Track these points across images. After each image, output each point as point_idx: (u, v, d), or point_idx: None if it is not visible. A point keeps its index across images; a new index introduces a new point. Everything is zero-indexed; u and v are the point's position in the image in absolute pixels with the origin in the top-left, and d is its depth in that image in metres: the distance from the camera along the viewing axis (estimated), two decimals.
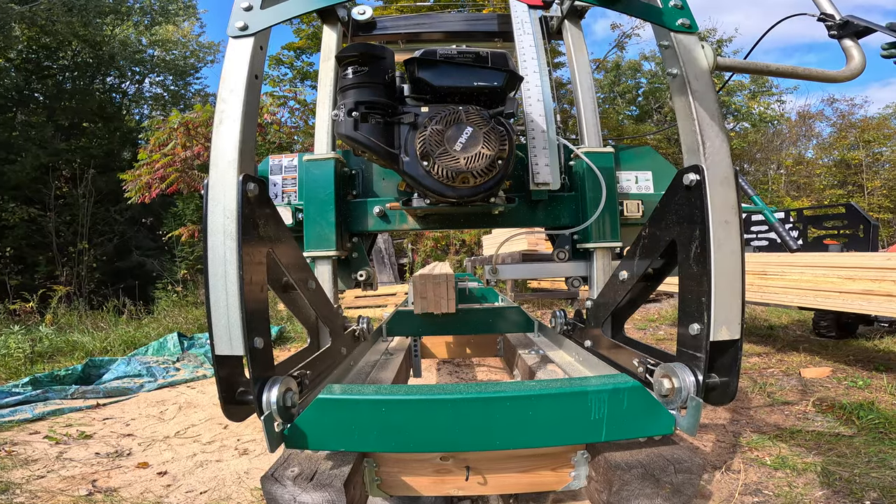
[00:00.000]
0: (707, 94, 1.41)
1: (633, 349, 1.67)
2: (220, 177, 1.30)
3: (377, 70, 1.66)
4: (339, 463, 1.34)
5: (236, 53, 1.40)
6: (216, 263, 1.26)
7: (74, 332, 8.55)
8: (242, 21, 1.41)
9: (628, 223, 2.16)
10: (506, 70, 1.66)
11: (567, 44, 2.37)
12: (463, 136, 1.55)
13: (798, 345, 6.73)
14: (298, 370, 1.52)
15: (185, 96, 28.34)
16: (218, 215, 1.28)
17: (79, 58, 23.66)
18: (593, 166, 2.08)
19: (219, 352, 1.27)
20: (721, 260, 1.28)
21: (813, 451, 3.38)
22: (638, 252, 1.65)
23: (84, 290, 17.98)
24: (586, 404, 1.32)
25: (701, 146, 1.35)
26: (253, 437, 4.03)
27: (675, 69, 1.45)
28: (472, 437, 1.32)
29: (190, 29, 28.72)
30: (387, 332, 2.83)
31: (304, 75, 17.56)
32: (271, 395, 1.29)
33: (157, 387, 5.73)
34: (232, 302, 1.25)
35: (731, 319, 1.29)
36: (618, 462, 1.31)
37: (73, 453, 3.79)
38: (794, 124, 29.84)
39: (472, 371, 6.08)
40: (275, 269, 1.53)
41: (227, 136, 1.34)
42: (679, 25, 1.46)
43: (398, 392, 1.37)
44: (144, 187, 13.62)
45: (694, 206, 1.35)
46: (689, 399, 1.32)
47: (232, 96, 1.37)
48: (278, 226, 1.50)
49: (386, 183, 2.27)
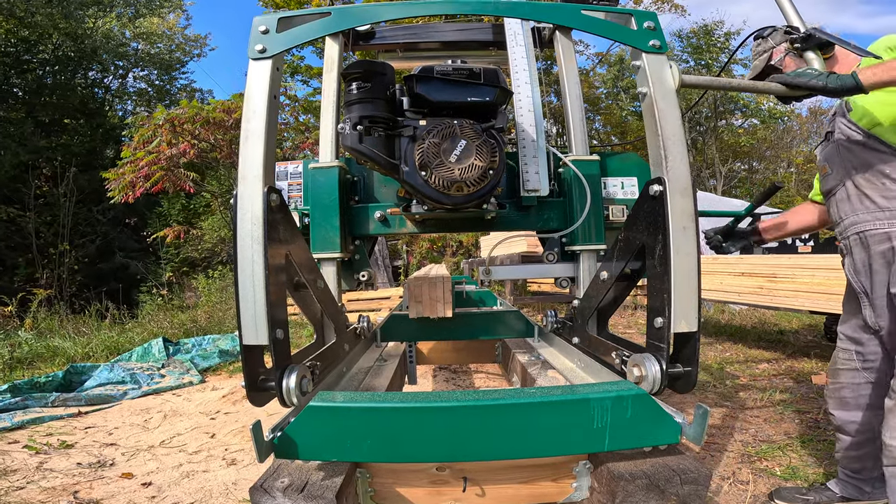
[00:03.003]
0: (671, 112, 1.58)
1: (613, 343, 1.80)
2: (248, 189, 1.50)
3: (379, 85, 1.79)
4: (331, 473, 1.34)
5: (257, 75, 1.60)
6: (245, 264, 1.45)
7: (55, 337, 8.53)
8: (261, 45, 1.62)
9: (614, 227, 2.28)
10: (497, 86, 1.80)
11: (557, 54, 2.47)
12: (457, 149, 1.72)
13: (809, 350, 6.74)
14: (310, 361, 1.65)
15: (170, 91, 28.36)
16: (246, 222, 1.47)
17: (59, 51, 23.66)
18: (579, 173, 2.20)
19: (246, 342, 1.44)
20: (679, 261, 1.46)
21: (824, 461, 3.38)
22: (615, 254, 1.83)
23: (65, 294, 17.94)
24: (589, 412, 1.34)
25: (664, 160, 1.54)
26: (241, 447, 4.02)
27: (645, 88, 1.62)
28: (469, 446, 1.33)
29: (175, 21, 28.75)
30: (381, 338, 2.84)
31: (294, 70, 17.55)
32: (290, 381, 1.45)
33: (141, 394, 5.71)
34: (259, 297, 1.43)
35: (688, 313, 1.46)
36: (621, 472, 1.32)
37: (53, 463, 3.77)
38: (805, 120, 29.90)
39: (469, 378, 6.08)
40: (290, 269, 1.68)
41: (253, 152, 1.54)
42: (650, 46, 1.63)
43: (392, 399, 1.37)
44: (128, 186, 13.62)
45: (657, 214, 1.53)
46: (696, 407, 1.34)
47: (255, 116, 1.57)
48: (294, 230, 1.67)
49: (386, 189, 2.39)
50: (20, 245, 20.48)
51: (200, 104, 14.46)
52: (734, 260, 7.34)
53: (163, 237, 16.13)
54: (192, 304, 13.88)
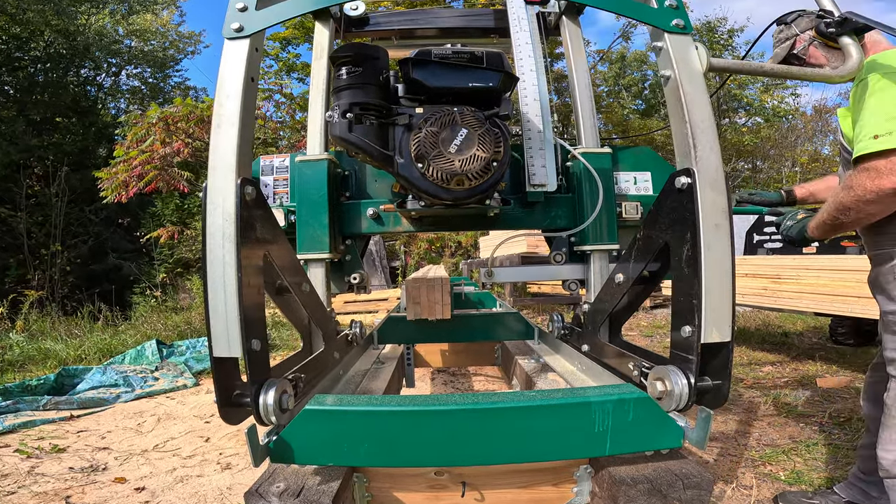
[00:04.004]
0: (700, 96, 1.47)
1: (630, 353, 1.70)
2: (219, 181, 1.37)
3: (371, 70, 1.70)
4: (328, 478, 1.34)
5: (232, 55, 1.47)
6: (215, 266, 1.33)
7: (47, 340, 8.51)
8: (238, 22, 1.48)
9: (627, 225, 2.20)
10: (501, 71, 1.70)
11: (565, 41, 2.40)
12: (458, 139, 1.61)
13: (814, 353, 6.74)
14: (293, 373, 1.54)
15: (164, 89, 28.33)
16: (217, 218, 1.35)
17: (52, 48, 23.60)
18: (590, 167, 2.11)
19: (217, 354, 1.32)
20: (711, 262, 1.35)
21: (830, 465, 3.38)
22: (633, 255, 1.71)
23: (57, 295, 17.91)
24: (589, 416, 1.33)
25: (692, 149, 1.43)
26: (236, 451, 4.02)
27: (668, 71, 1.51)
28: (468, 450, 1.32)
29: (169, 18, 28.70)
30: (378, 340, 2.84)
31: (290, 67, 17.54)
32: (268, 398, 1.34)
33: (134, 397, 5.70)
34: (230, 304, 1.31)
35: (721, 322, 1.34)
36: (623, 477, 1.32)
37: (45, 468, 3.77)
38: (809, 119, 29.85)
39: (468, 381, 6.07)
40: (269, 271, 1.58)
41: (225, 141, 1.40)
42: (673, 26, 1.52)
43: (390, 403, 1.37)
44: (121, 186, 13.64)
45: (685, 209, 1.41)
46: (699, 410, 1.33)
47: (229, 101, 1.43)
48: (274, 228, 1.56)
49: (379, 184, 2.30)
50: (11, 245, 20.45)
51: (195, 102, 14.45)
52: (738, 260, 7.33)
53: (156, 238, 16.11)
54: (187, 305, 13.86)
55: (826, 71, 1.78)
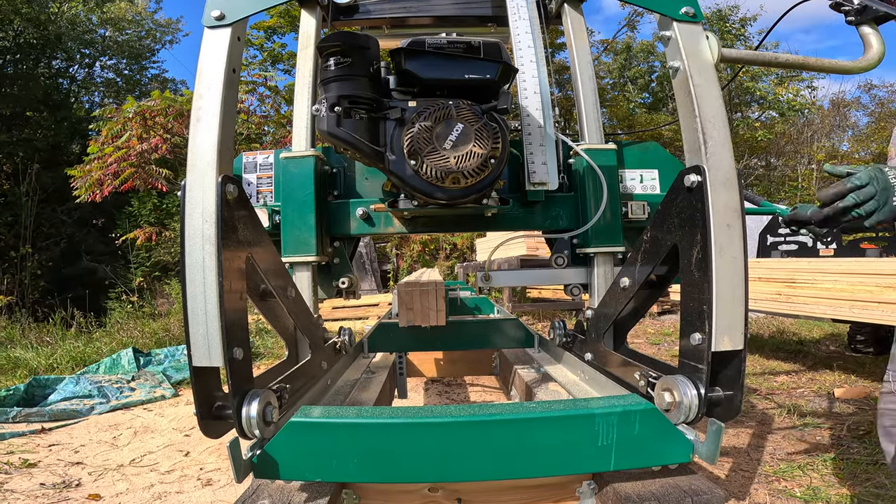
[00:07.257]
0: (710, 88, 1.46)
1: (636, 362, 1.69)
2: (198, 178, 1.35)
3: (361, 61, 1.67)
4: (315, 494, 1.34)
5: (212, 45, 1.45)
6: (195, 270, 1.31)
7: (16, 348, 8.49)
8: (218, 10, 1.45)
9: (633, 226, 2.18)
10: (499, 61, 1.68)
11: (567, 30, 2.38)
12: (453, 134, 1.59)
13: (831, 362, 6.76)
14: (278, 384, 1.53)
15: (140, 82, 28.33)
16: (196, 219, 1.32)
17: (21, 38, 23.52)
18: (594, 164, 2.09)
19: (196, 363, 1.31)
20: (722, 266, 1.33)
21: (848, 481, 3.39)
22: (639, 257, 1.68)
23: (27, 300, 17.89)
24: (593, 428, 1.32)
25: (702, 145, 1.41)
26: (218, 466, 4.01)
27: (677, 62, 1.51)
28: (464, 465, 1.31)
29: (145, 5, 28.68)
30: (368, 348, 2.83)
31: (275, 58, 17.56)
32: (251, 410, 1.32)
33: (109, 409, 5.69)
34: (211, 310, 1.30)
35: (733, 329, 1.32)
36: (628, 494, 1.31)
37: (14, 484, 3.76)
38: (826, 113, 29.99)
39: (463, 391, 6.07)
40: (253, 275, 1.57)
41: (205, 136, 1.39)
42: (682, 14, 1.51)
43: (381, 415, 1.36)
44: (95, 184, 13.60)
45: (695, 209, 1.40)
46: (709, 423, 1.33)
47: (209, 93, 1.41)
48: (257, 229, 1.53)
49: (370, 182, 2.28)
50: None
51: (173, 95, 14.45)
52: (752, 263, 7.35)
53: (133, 239, 16.05)
54: (165, 311, 13.81)
55: (845, 62, 1.77)
